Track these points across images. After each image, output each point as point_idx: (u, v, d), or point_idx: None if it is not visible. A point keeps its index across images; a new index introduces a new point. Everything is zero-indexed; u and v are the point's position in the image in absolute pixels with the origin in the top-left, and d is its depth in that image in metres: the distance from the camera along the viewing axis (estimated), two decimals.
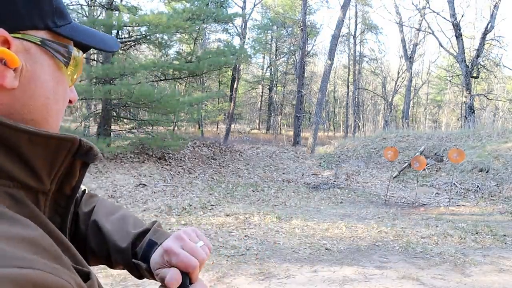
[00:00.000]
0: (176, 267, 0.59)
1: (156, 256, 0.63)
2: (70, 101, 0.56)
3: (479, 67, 17.83)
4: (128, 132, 10.69)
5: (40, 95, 0.49)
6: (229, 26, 22.45)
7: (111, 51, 0.60)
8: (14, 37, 0.46)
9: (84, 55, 0.58)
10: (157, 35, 10.90)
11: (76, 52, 0.54)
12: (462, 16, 17.25)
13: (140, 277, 0.68)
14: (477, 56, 16.85)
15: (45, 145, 0.46)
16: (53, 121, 0.51)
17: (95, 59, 12.98)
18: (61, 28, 0.51)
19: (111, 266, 0.71)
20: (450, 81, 25.37)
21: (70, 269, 0.41)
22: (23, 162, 0.45)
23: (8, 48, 0.45)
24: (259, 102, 31.42)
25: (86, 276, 0.45)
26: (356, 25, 28.31)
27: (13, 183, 0.44)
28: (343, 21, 16.42)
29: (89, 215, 0.72)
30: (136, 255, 0.67)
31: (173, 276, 0.58)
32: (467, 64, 16.70)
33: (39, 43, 0.48)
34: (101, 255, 0.70)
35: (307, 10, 20.89)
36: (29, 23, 0.47)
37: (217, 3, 15.86)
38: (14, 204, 0.43)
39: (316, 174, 11.35)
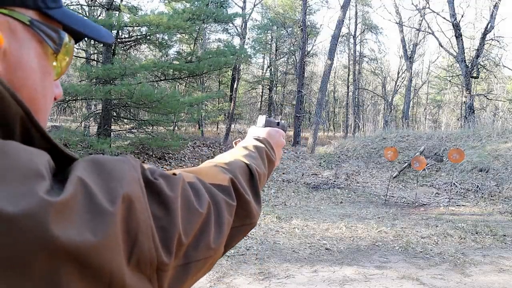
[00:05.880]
0: None
1: None
2: (54, 98, 0.48)
3: (479, 67, 17.84)
4: (128, 132, 10.71)
5: (28, 87, 0.41)
6: (229, 26, 22.44)
7: (105, 42, 0.53)
8: None
9: (76, 46, 0.50)
10: (158, 35, 10.94)
11: (67, 40, 0.46)
12: (462, 16, 17.25)
13: None
14: (477, 56, 16.85)
15: None
16: (41, 120, 0.43)
17: (96, 59, 13.00)
18: (52, 10, 0.43)
19: None
20: (450, 81, 25.37)
21: None
22: None
23: None
24: (259, 102, 31.38)
25: None
26: (356, 25, 28.30)
27: None
28: (343, 21, 16.42)
29: None
30: None
31: None
32: (467, 64, 16.70)
33: (28, 23, 0.40)
34: None
35: (307, 10, 20.89)
36: None
37: (217, 3, 15.84)
38: None
39: (316, 174, 11.35)
